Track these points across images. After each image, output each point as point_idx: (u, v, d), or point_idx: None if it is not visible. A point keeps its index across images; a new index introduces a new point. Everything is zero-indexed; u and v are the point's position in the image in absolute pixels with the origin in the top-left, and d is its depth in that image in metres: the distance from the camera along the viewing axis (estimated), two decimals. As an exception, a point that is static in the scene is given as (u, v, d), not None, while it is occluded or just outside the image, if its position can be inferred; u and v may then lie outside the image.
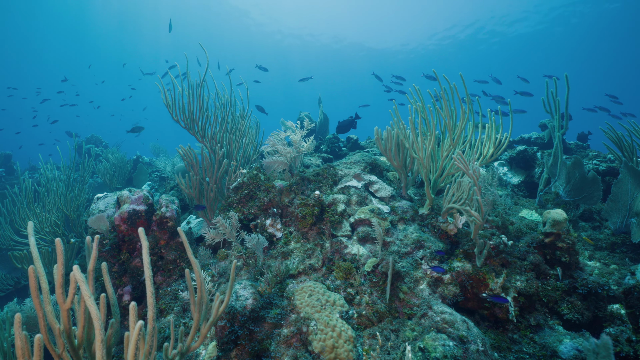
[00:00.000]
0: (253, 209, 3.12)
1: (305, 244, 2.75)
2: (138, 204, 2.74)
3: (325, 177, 3.34)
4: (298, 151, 3.05)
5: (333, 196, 3.02)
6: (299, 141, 3.00)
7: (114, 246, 2.73)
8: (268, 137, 3.13)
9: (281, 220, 3.01)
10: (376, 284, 2.49)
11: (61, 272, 1.28)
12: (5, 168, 10.28)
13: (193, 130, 3.61)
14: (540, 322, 2.77)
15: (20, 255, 3.73)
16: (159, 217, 2.81)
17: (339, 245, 2.74)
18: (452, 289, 2.57)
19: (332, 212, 2.92)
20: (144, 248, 1.28)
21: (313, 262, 2.61)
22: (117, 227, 2.68)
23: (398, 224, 3.04)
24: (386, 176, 3.65)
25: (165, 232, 2.84)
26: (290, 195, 3.13)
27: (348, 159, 3.67)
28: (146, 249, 1.28)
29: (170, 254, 2.84)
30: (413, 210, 3.12)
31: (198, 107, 3.41)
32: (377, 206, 3.03)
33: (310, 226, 2.85)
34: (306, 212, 2.81)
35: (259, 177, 3.36)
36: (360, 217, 2.89)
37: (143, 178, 7.54)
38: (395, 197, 3.32)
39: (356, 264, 2.64)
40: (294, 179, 3.29)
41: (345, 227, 2.86)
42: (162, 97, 3.27)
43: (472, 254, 2.75)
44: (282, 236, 2.90)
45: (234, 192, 3.33)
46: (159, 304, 2.64)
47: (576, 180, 3.75)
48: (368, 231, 2.82)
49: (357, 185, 3.18)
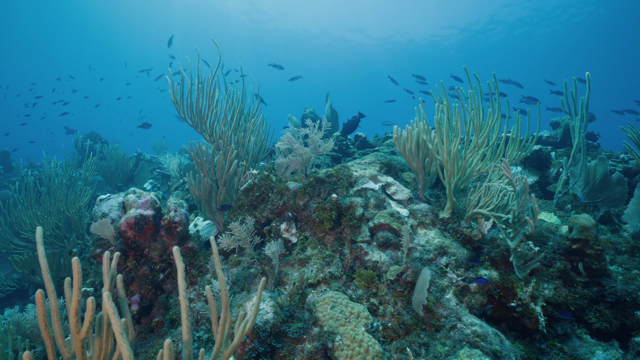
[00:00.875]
0: (265, 212, 2.93)
1: (324, 251, 2.57)
2: (145, 209, 2.54)
3: (340, 179, 3.15)
4: (314, 151, 2.85)
5: (350, 199, 2.84)
6: (317, 141, 2.80)
7: (120, 253, 2.53)
8: (283, 135, 2.93)
9: (296, 224, 2.83)
10: (401, 294, 2.32)
11: (77, 299, 1.08)
12: (3, 165, 9.97)
13: (201, 129, 3.40)
14: (567, 331, 2.63)
15: (21, 259, 3.52)
16: (167, 222, 2.61)
17: (359, 252, 2.56)
18: (480, 299, 2.41)
19: (350, 216, 2.74)
20: (180, 272, 1.09)
21: (333, 270, 2.44)
22: (124, 234, 2.48)
23: (418, 228, 2.87)
24: (401, 177, 3.47)
25: (174, 238, 2.65)
26: (305, 198, 2.94)
27: (362, 159, 3.48)
28: (181, 274, 1.09)
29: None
30: (433, 214, 2.95)
31: (207, 104, 3.20)
32: (396, 210, 2.86)
33: (328, 231, 2.67)
34: (324, 216, 2.63)
35: (271, 179, 3.17)
36: (380, 222, 2.72)
37: (145, 176, 7.31)
38: (412, 199, 3.15)
39: (378, 272, 2.47)
40: (307, 180, 3.10)
41: (365, 232, 2.69)
42: (170, 93, 3.06)
43: (498, 262, 2.59)
44: (297, 242, 2.72)
45: (245, 194, 3.14)
46: (169, 314, 2.46)
47: (596, 182, 3.59)
48: (388, 237, 2.64)
49: (374, 188, 3.00)
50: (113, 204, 3.38)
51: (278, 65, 7.13)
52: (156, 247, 2.60)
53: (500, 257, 2.58)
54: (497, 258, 2.58)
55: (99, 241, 2.60)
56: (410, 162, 3.05)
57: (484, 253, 2.77)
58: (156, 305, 2.56)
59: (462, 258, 2.57)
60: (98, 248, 2.57)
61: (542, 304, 2.55)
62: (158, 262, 2.59)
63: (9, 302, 5.17)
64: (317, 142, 2.77)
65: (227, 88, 3.48)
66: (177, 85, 3.06)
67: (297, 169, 3.04)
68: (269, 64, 7.20)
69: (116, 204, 3.40)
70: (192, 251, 2.75)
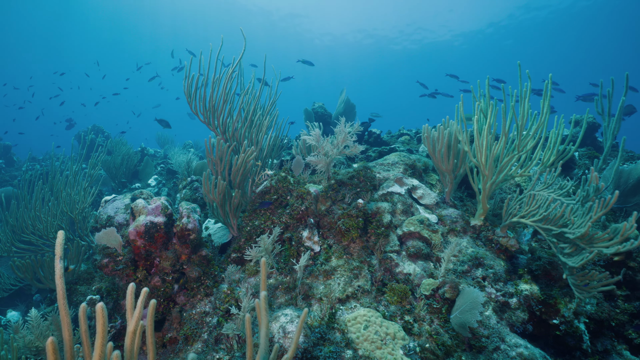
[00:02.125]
0: (284, 217, 2.67)
1: (350, 261, 2.32)
2: (156, 215, 2.28)
3: (362, 181, 2.89)
4: (341, 152, 2.58)
5: (376, 205, 2.58)
6: (346, 141, 2.52)
7: (128, 263, 2.28)
8: (304, 134, 2.65)
9: (318, 231, 2.57)
10: (437, 311, 2.09)
11: (101, 351, 0.83)
12: (5, 159, 9.62)
13: (213, 125, 3.11)
14: (607, 348, 2.42)
15: (23, 264, 3.27)
16: (179, 229, 2.35)
17: (389, 263, 2.32)
18: (520, 315, 2.18)
19: (377, 224, 2.48)
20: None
21: (362, 283, 2.20)
22: (133, 243, 2.22)
23: (448, 235, 2.63)
24: (426, 179, 3.21)
25: (187, 246, 2.39)
26: (327, 203, 2.68)
27: (385, 160, 3.21)
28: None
29: (194, 270, 2.40)
30: (463, 221, 2.70)
31: (223, 99, 2.90)
32: (425, 216, 2.61)
33: (354, 239, 2.42)
34: (350, 224, 2.38)
35: (288, 180, 2.90)
36: (410, 230, 2.47)
37: (149, 171, 7.01)
38: (439, 203, 2.90)
39: (410, 286, 2.23)
40: (327, 182, 2.84)
41: (393, 241, 2.44)
42: (184, 85, 2.76)
43: (539, 276, 2.36)
44: (320, 250, 2.47)
45: (261, 197, 2.87)
46: (183, 330, 2.22)
47: (628, 186, 3.35)
48: (419, 246, 2.40)
49: (400, 192, 2.74)
50: (119, 206, 3.11)
51: (308, 62, 6.75)
52: (168, 256, 2.35)
53: (542, 270, 2.35)
54: (538, 272, 2.35)
55: (106, 250, 2.34)
56: (439, 164, 2.79)
57: (519, 264, 2.54)
58: (169, 320, 2.32)
59: (500, 271, 2.33)
60: (105, 257, 2.32)
61: (585, 320, 2.33)
62: (170, 272, 2.34)
63: (11, 303, 4.92)
64: (346, 142, 2.49)
65: (241, 82, 3.18)
66: (191, 77, 2.76)
67: (319, 169, 2.77)
68: (299, 60, 6.80)
69: (122, 205, 3.13)
70: (206, 259, 2.50)
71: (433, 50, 32.79)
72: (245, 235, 2.71)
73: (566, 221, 1.99)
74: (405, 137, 4.85)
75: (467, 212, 2.94)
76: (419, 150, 4.39)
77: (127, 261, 2.28)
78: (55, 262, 1.02)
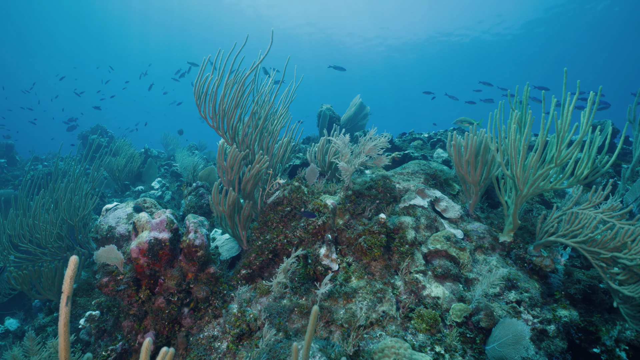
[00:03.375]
0: (298, 232, 2.45)
1: (372, 283, 2.09)
2: (160, 231, 2.05)
3: (381, 192, 2.66)
4: (362, 163, 2.35)
5: (399, 219, 2.36)
6: (372, 152, 2.28)
7: (130, 283, 2.05)
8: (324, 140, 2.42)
9: (336, 247, 2.34)
10: (471, 341, 1.86)
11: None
12: (7, 158, 9.40)
13: (222, 130, 2.88)
14: (649, 377, 2.20)
15: (20, 275, 3.05)
16: (186, 246, 2.12)
17: (415, 285, 2.09)
18: (559, 344, 1.95)
19: (400, 241, 2.26)
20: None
21: (386, 308, 1.97)
22: (135, 261, 2.00)
23: (476, 253, 2.40)
24: (447, 190, 2.98)
25: (194, 264, 2.16)
26: (345, 216, 2.45)
27: (403, 169, 2.98)
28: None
29: (201, 290, 2.18)
30: (491, 236, 2.48)
31: (234, 103, 2.67)
32: (452, 232, 2.38)
33: (377, 257, 2.20)
34: (372, 242, 2.15)
35: (302, 191, 2.67)
36: (436, 248, 2.24)
37: (153, 173, 6.78)
38: (463, 216, 2.67)
39: (439, 311, 2.00)
40: (345, 192, 2.61)
41: (419, 260, 2.21)
42: (195, 86, 2.53)
43: (578, 300, 2.13)
44: (339, 269, 2.25)
45: (272, 209, 2.65)
46: (190, 357, 2.00)
47: (660, 197, 3.11)
48: (447, 266, 2.17)
49: (423, 205, 2.51)
50: (121, 215, 2.89)
51: (339, 67, 6.47)
52: (173, 274, 2.13)
53: (581, 294, 2.12)
54: (578, 296, 2.12)
55: (106, 267, 2.12)
56: (464, 175, 2.56)
57: (553, 285, 2.31)
58: (174, 344, 2.10)
59: (536, 294, 2.11)
60: (104, 276, 2.09)
61: (625, 348, 2.10)
62: (175, 292, 2.12)
63: (9, 309, 4.70)
64: (371, 153, 2.26)
65: (256, 83, 2.94)
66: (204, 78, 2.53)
67: (342, 178, 2.54)
68: (330, 66, 6.52)
69: (124, 215, 2.90)
70: (215, 277, 2.27)
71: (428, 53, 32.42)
72: (255, 250, 2.49)
73: (617, 244, 1.76)
74: (417, 141, 4.61)
75: (492, 225, 2.71)
76: (433, 157, 4.16)
77: (128, 281, 2.05)
78: (60, 305, 0.80)
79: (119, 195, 6.15)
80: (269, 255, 2.43)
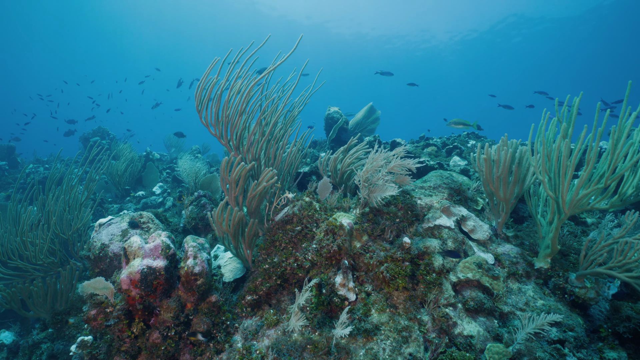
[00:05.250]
0: (310, 254, 2.17)
1: (396, 318, 1.81)
2: (154, 258, 1.79)
3: (401, 209, 2.37)
4: (384, 180, 2.06)
5: (424, 243, 2.07)
6: (396, 168, 2.00)
7: (121, 317, 1.79)
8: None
9: (353, 274, 2.07)
10: (514, 394, 1.58)
11: None
12: (8, 161, 9.20)
13: (225, 139, 2.61)
14: None
15: (8, 293, 2.80)
16: (184, 273, 1.86)
17: (445, 322, 1.81)
18: (615, 395, 1.67)
19: (426, 268, 1.97)
20: None
21: (413, 350, 1.69)
22: (127, 292, 1.74)
23: (509, 281, 2.11)
24: (472, 206, 2.69)
25: (194, 293, 1.90)
26: (363, 237, 2.17)
27: (424, 182, 2.69)
28: None
29: (202, 322, 1.91)
30: (525, 261, 2.19)
31: (241, 108, 2.40)
32: (483, 257, 2.09)
33: (400, 288, 1.91)
34: (396, 271, 1.87)
35: (314, 207, 2.39)
36: (467, 277, 1.95)
37: (154, 178, 6.53)
38: (492, 237, 2.38)
39: (474, 354, 1.72)
40: (361, 209, 2.33)
41: (447, 292, 1.93)
42: (196, 90, 2.26)
43: (628, 340, 1.84)
44: (357, 299, 1.97)
45: (281, 228, 2.37)
46: (188, 402, 1.73)
47: None
48: (481, 299, 1.88)
49: (449, 225, 2.22)
50: (115, 232, 2.63)
51: (387, 72, 6.06)
52: (170, 306, 1.86)
53: (631, 333, 1.83)
54: (627, 335, 1.83)
55: (94, 298, 1.85)
56: (496, 192, 2.27)
57: (594, 318, 2.02)
58: (171, 386, 1.83)
59: (581, 333, 1.82)
60: (92, 308, 1.83)
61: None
62: (172, 326, 1.85)
63: (4, 319, 4.46)
64: (395, 170, 1.97)
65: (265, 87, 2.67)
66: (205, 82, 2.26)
67: (360, 195, 2.26)
68: (377, 72, 6.10)
69: (118, 231, 2.64)
70: (217, 307, 2.01)
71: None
72: (262, 274, 2.22)
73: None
74: (431, 148, 4.32)
75: (523, 246, 2.42)
76: (450, 165, 3.87)
77: (119, 314, 1.79)
78: None
79: (119, 201, 5.91)
80: (277, 281, 2.16)
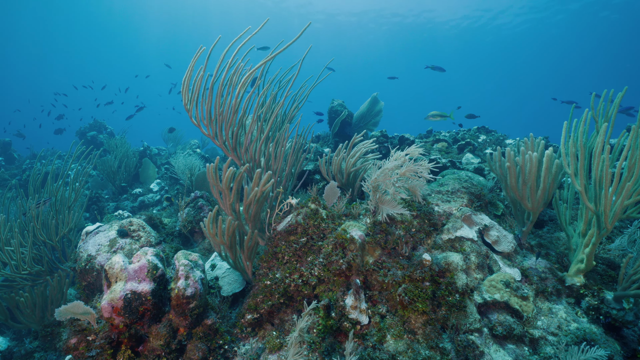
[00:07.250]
0: (316, 269, 1.93)
1: (415, 346, 1.58)
2: (140, 281, 1.55)
3: (417, 217, 2.12)
4: (396, 185, 1.80)
5: (446, 259, 1.82)
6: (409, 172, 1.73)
7: (105, 346, 1.57)
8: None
9: (365, 293, 1.83)
10: None
11: None
12: (4, 157, 8.91)
13: (220, 139, 2.33)
14: None
15: (-11, 306, 2.59)
16: (175, 296, 1.62)
17: (470, 352, 1.58)
18: None
19: (447, 288, 1.73)
20: None
21: (436, 386, 1.47)
22: (109, 321, 1.51)
23: (537, 299, 1.87)
24: (492, 211, 2.43)
25: (187, 318, 1.67)
26: (376, 252, 1.92)
27: (441, 186, 2.42)
28: None
29: (196, 349, 1.69)
30: (554, 277, 1.94)
31: (236, 103, 2.11)
32: (509, 274, 1.85)
33: (419, 312, 1.68)
34: (415, 293, 1.63)
35: (320, 215, 2.14)
36: (494, 299, 1.71)
37: (151, 174, 6.26)
38: (516, 248, 2.13)
39: (505, 389, 1.50)
40: (372, 217, 2.07)
41: (472, 315, 1.69)
42: (182, 85, 1.97)
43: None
44: (370, 322, 1.74)
45: (284, 238, 2.12)
46: None
47: None
48: (510, 324, 1.65)
49: (472, 237, 1.97)
50: (102, 242, 2.38)
51: (438, 68, 5.37)
52: (160, 332, 1.63)
53: (685, 362, 1.61)
54: (681, 364, 1.61)
55: (75, 323, 1.63)
56: (523, 200, 2.00)
57: (628, 340, 1.80)
58: (162, 421, 1.62)
59: (626, 362, 1.59)
60: (73, 336, 1.61)
61: None
62: (163, 354, 1.63)
63: (-1, 325, 4.26)
64: (408, 174, 1.70)
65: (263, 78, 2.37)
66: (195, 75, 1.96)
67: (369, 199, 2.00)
68: (427, 67, 5.40)
69: (106, 241, 2.39)
70: (213, 329, 1.78)
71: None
72: (263, 290, 1.98)
73: None
74: (442, 143, 4.03)
75: (549, 257, 2.18)
76: (462, 163, 3.59)
77: (102, 344, 1.56)
78: None
79: (115, 199, 5.66)
80: (280, 299, 1.92)
